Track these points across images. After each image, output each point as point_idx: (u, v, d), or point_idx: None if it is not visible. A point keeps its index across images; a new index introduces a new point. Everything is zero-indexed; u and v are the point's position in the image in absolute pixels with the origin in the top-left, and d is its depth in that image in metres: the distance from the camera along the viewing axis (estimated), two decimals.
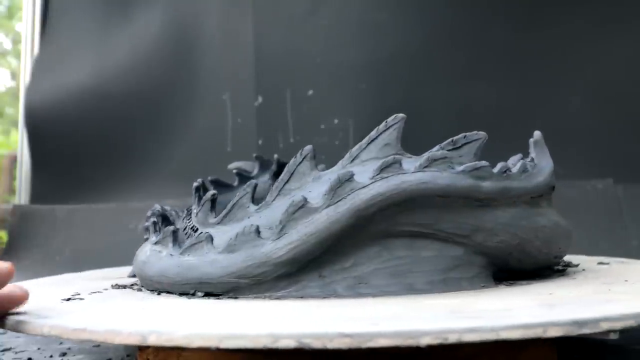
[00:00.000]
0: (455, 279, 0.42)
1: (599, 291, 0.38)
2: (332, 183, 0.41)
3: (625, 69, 0.90)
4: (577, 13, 0.92)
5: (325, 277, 0.41)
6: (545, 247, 0.46)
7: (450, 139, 0.45)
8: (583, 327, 0.28)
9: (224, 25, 1.10)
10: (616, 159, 0.89)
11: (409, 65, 0.98)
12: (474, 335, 0.27)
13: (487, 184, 0.43)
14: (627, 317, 0.30)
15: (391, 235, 0.42)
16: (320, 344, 0.27)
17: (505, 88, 0.94)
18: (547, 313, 0.30)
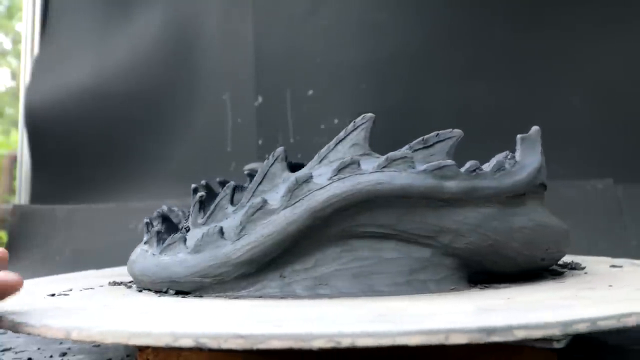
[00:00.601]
0: (420, 281, 0.42)
1: (565, 297, 0.36)
2: (289, 185, 0.42)
3: (625, 69, 0.90)
4: (577, 13, 0.92)
5: (285, 278, 0.42)
6: (527, 249, 0.44)
7: (421, 138, 0.44)
8: (492, 335, 0.27)
9: (224, 25, 1.10)
10: (616, 159, 0.89)
11: (409, 65, 0.98)
12: (369, 340, 0.27)
13: (451, 183, 0.42)
14: (550, 325, 0.28)
15: (354, 236, 0.42)
16: (215, 344, 0.28)
17: (505, 88, 0.94)
18: (467, 319, 0.29)
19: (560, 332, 0.28)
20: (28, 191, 1.37)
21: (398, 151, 0.42)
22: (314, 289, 0.41)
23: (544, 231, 0.45)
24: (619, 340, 0.49)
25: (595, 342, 0.49)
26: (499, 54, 0.95)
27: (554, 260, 0.48)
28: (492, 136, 0.95)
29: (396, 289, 0.41)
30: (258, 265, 0.41)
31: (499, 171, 0.43)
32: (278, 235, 0.41)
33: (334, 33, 1.01)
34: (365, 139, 0.45)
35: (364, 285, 0.41)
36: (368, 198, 0.41)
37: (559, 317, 0.29)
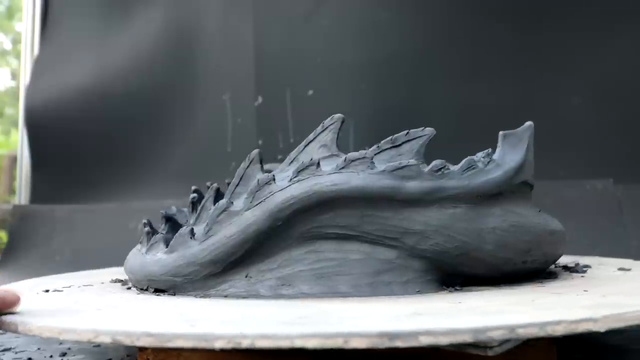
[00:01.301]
0: (385, 283, 0.41)
1: (519, 302, 0.35)
2: (252, 187, 0.42)
3: (625, 69, 0.90)
4: (577, 13, 0.92)
5: (251, 278, 0.42)
6: (501, 252, 0.42)
7: (390, 137, 0.44)
8: (394, 340, 0.27)
9: (224, 25, 1.10)
10: (616, 159, 0.89)
11: (409, 65, 0.98)
12: (267, 342, 0.27)
13: (412, 184, 0.41)
14: (460, 332, 0.27)
15: (318, 237, 0.42)
16: (129, 341, 0.29)
17: (505, 88, 0.93)
18: (384, 323, 0.29)
19: (471, 339, 0.27)
20: (28, 191, 1.37)
21: (358, 152, 0.42)
22: (277, 290, 0.42)
23: (522, 232, 0.43)
24: (619, 340, 0.49)
25: (595, 342, 0.49)
26: (499, 54, 0.95)
27: (542, 263, 0.46)
28: (492, 136, 0.95)
29: (359, 290, 0.41)
30: (223, 265, 0.42)
31: (469, 170, 0.42)
32: (240, 236, 0.42)
33: (334, 33, 1.01)
34: (333, 140, 0.45)
35: (327, 287, 0.41)
36: (326, 199, 0.41)
37: (471, 324, 0.28)
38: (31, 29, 1.43)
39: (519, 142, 0.45)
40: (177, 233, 0.45)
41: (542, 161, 0.90)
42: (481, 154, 0.45)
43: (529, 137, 0.45)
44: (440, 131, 0.44)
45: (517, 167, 0.44)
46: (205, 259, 0.43)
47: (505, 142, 0.45)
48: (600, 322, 0.29)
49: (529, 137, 0.45)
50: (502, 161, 0.44)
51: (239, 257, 0.42)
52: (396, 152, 0.43)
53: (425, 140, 0.44)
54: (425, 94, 0.96)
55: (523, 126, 0.46)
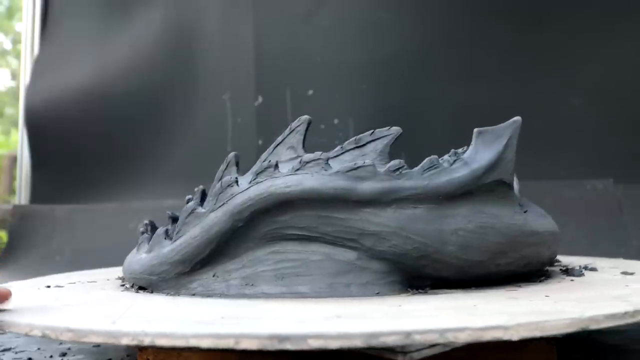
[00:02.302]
0: (344, 285, 0.41)
1: (461, 307, 0.34)
2: (215, 189, 0.44)
3: (625, 70, 0.90)
4: (577, 14, 0.92)
5: (218, 277, 0.43)
6: (468, 254, 0.41)
7: (354, 138, 0.44)
8: (283, 342, 0.27)
9: (224, 25, 1.10)
10: (616, 159, 0.89)
11: (409, 65, 0.98)
12: (164, 340, 0.28)
13: (366, 184, 0.40)
14: (350, 336, 0.27)
15: (281, 238, 0.42)
16: (54, 335, 0.31)
17: (505, 88, 0.93)
18: (289, 325, 0.30)
19: (362, 344, 0.27)
20: (28, 191, 1.37)
21: (314, 153, 0.42)
22: (241, 289, 0.42)
23: (492, 234, 0.42)
24: (619, 340, 0.49)
25: (595, 342, 0.49)
26: (499, 55, 0.95)
27: (521, 265, 0.44)
28: None
29: (318, 291, 0.41)
30: (191, 265, 0.44)
31: (430, 170, 0.41)
32: (204, 237, 0.43)
33: (334, 33, 1.01)
34: (300, 141, 0.45)
35: (287, 287, 0.42)
36: (282, 200, 0.41)
37: (366, 329, 0.28)
38: (31, 29, 1.43)
39: (496, 139, 0.43)
40: (155, 234, 0.47)
41: (542, 161, 0.91)
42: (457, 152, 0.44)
43: (510, 134, 0.43)
44: (439, 131, 0.43)
45: (487, 165, 0.42)
46: (174, 259, 0.44)
47: (479, 140, 0.43)
48: (511, 330, 0.28)
49: (511, 133, 0.43)
50: (472, 160, 0.42)
51: (206, 257, 0.43)
52: (360, 153, 0.43)
53: (390, 140, 0.43)
54: (425, 94, 0.96)
55: (506, 122, 0.44)
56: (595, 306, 0.31)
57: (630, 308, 0.30)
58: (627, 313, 0.30)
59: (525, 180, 0.64)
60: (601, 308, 0.31)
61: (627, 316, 0.30)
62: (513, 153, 0.43)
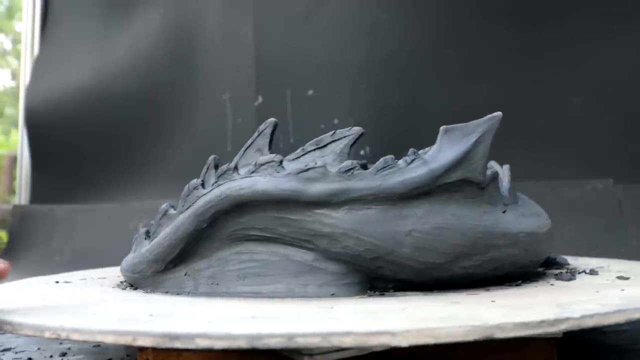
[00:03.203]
0: (301, 285, 0.41)
1: (390, 310, 0.34)
2: (183, 192, 0.45)
3: (625, 69, 0.90)
4: (577, 13, 0.92)
5: (189, 276, 0.45)
6: (424, 256, 0.40)
7: (315, 139, 0.44)
8: (174, 341, 0.28)
9: (224, 25, 1.10)
10: (616, 159, 0.89)
11: (409, 65, 0.98)
12: (77, 335, 0.31)
13: (316, 186, 0.40)
14: (234, 337, 0.28)
15: (244, 238, 0.43)
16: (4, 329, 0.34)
17: (505, 88, 0.93)
18: (194, 325, 0.30)
19: (246, 345, 0.27)
20: (28, 191, 1.37)
21: (268, 155, 0.43)
22: (207, 287, 0.44)
23: (451, 236, 0.40)
24: (619, 340, 0.49)
25: (595, 342, 0.49)
26: (499, 54, 0.95)
27: (492, 269, 0.42)
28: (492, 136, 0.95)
29: (276, 292, 0.42)
30: (165, 264, 0.45)
31: (384, 170, 0.41)
32: (172, 237, 0.45)
33: (334, 33, 1.01)
34: (266, 144, 0.46)
35: (249, 287, 0.43)
36: (238, 203, 0.42)
37: (249, 330, 0.28)
38: (31, 29, 1.43)
39: (465, 137, 0.42)
40: (137, 234, 0.49)
41: (542, 161, 0.91)
42: (413, 150, 0.43)
43: (484, 131, 0.42)
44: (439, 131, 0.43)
45: (448, 165, 0.41)
46: (149, 258, 0.46)
47: (444, 138, 0.42)
48: (400, 336, 0.27)
49: (484, 130, 0.42)
50: (432, 159, 0.41)
51: (176, 257, 0.45)
52: (320, 154, 0.43)
53: (350, 140, 0.43)
54: (424, 94, 0.96)
55: (482, 118, 0.43)
56: (524, 313, 0.30)
57: (551, 317, 0.29)
58: (545, 322, 0.28)
59: (525, 180, 0.64)
60: (525, 316, 0.29)
61: (544, 325, 0.28)
62: (484, 151, 0.42)
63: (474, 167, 0.41)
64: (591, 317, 0.29)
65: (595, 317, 0.29)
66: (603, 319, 0.30)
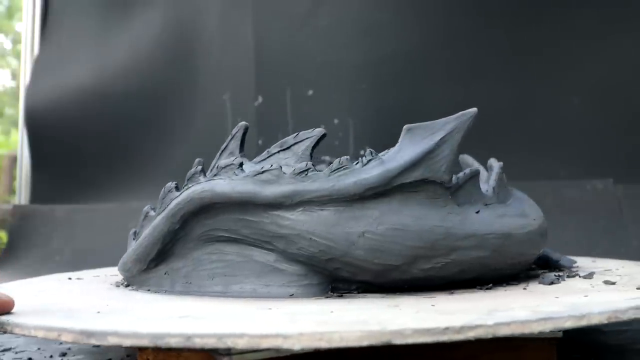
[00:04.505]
0: (263, 286, 0.42)
1: (320, 312, 0.35)
2: (160, 194, 0.47)
3: (625, 69, 0.90)
4: (577, 13, 0.92)
5: (168, 275, 0.46)
6: (379, 258, 0.40)
7: (280, 141, 0.44)
8: (90, 338, 0.30)
9: (224, 25, 1.10)
10: (616, 159, 0.89)
11: (408, 65, 0.98)
12: (18, 329, 0.33)
13: (271, 188, 0.41)
14: (139, 335, 0.29)
15: (214, 239, 0.44)
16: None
17: (505, 88, 0.93)
18: (138, 323, 0.32)
19: (149, 343, 0.29)
20: (28, 191, 1.37)
21: (228, 159, 0.45)
22: (182, 287, 0.45)
23: (407, 237, 0.40)
24: (619, 340, 0.49)
25: (595, 342, 0.49)
26: (499, 54, 0.95)
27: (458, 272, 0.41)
28: (492, 136, 0.95)
29: (241, 292, 0.43)
30: (146, 263, 0.47)
31: (338, 171, 0.41)
32: (149, 238, 0.46)
33: (334, 33, 1.01)
34: (237, 147, 0.47)
35: (216, 287, 0.44)
36: (202, 205, 0.43)
37: (153, 329, 0.29)
38: (31, 29, 1.43)
39: (429, 135, 0.41)
40: (129, 234, 0.51)
41: (542, 161, 0.90)
42: (370, 151, 0.43)
43: (452, 128, 0.41)
44: None
45: (405, 165, 0.40)
46: (133, 258, 0.48)
47: (406, 137, 0.41)
48: (292, 339, 0.28)
49: (453, 128, 0.41)
50: (390, 159, 0.41)
51: (156, 256, 0.46)
52: (284, 156, 0.44)
53: (312, 141, 0.43)
54: (424, 94, 0.96)
55: (453, 115, 0.42)
56: (442, 318, 0.30)
57: (459, 324, 0.28)
58: (450, 329, 0.28)
59: (525, 181, 0.64)
60: (434, 322, 0.29)
61: (449, 332, 0.28)
62: (451, 149, 0.41)
63: (436, 167, 0.41)
64: (508, 324, 0.29)
65: (512, 325, 0.29)
66: (520, 327, 0.29)
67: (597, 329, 0.51)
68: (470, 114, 0.43)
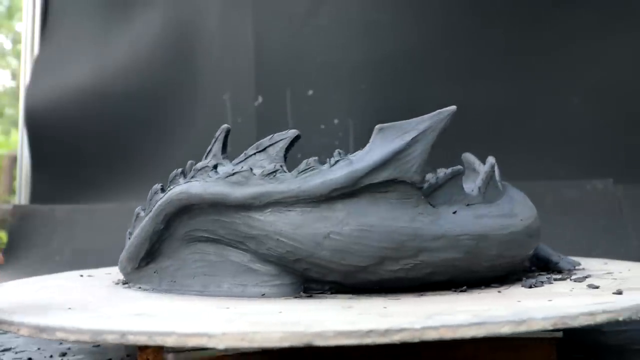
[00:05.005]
0: (238, 285, 0.43)
1: (268, 312, 0.35)
2: (148, 196, 0.48)
3: (625, 69, 0.90)
4: (577, 13, 0.92)
5: (157, 274, 0.47)
6: (346, 258, 0.40)
7: (256, 143, 0.45)
8: (42, 333, 0.32)
9: (224, 25, 1.10)
10: (616, 159, 0.89)
11: (408, 65, 0.98)
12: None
13: (241, 190, 0.41)
14: (81, 331, 0.31)
15: (196, 239, 0.45)
16: None
17: (505, 88, 0.93)
18: (91, 320, 0.34)
19: (89, 339, 0.31)
20: (28, 191, 1.37)
21: (202, 161, 0.45)
22: (168, 285, 0.46)
23: (373, 238, 0.39)
24: (619, 340, 0.49)
25: (595, 342, 0.49)
26: (499, 54, 0.95)
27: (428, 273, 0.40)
28: (492, 136, 0.95)
29: (219, 291, 0.44)
30: (137, 262, 0.48)
31: (305, 172, 0.41)
32: (138, 238, 0.47)
33: (334, 33, 1.01)
34: (219, 149, 0.47)
35: (197, 285, 0.45)
36: (179, 206, 0.44)
37: (93, 325, 0.31)
38: (31, 29, 1.43)
39: (401, 135, 0.41)
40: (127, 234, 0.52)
41: (542, 161, 0.90)
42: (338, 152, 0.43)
43: (425, 128, 0.41)
44: None
45: (373, 165, 0.40)
46: (125, 257, 0.49)
47: (377, 137, 0.41)
48: (216, 339, 0.28)
49: (426, 127, 0.41)
50: (359, 159, 0.41)
51: (145, 255, 0.47)
52: (260, 157, 0.44)
53: (285, 143, 0.44)
54: (424, 94, 0.96)
55: (427, 114, 0.41)
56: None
57: (383, 327, 0.28)
58: (374, 331, 0.28)
59: (525, 181, 0.64)
60: (360, 325, 0.29)
61: (372, 334, 0.28)
62: (424, 149, 0.41)
63: (406, 167, 0.40)
64: (436, 329, 0.28)
65: (441, 329, 0.28)
66: (450, 332, 0.28)
67: (597, 329, 0.51)
68: (447, 113, 0.42)
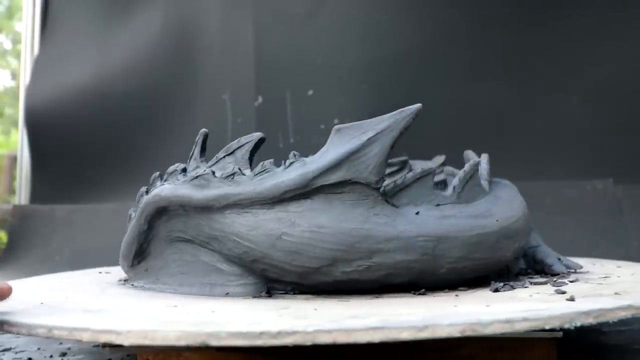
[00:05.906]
0: (207, 285, 0.44)
1: (201, 311, 0.36)
2: (137, 197, 0.49)
3: (625, 69, 0.90)
4: (577, 14, 0.92)
5: (147, 272, 0.49)
6: (297, 260, 0.40)
7: (226, 146, 0.46)
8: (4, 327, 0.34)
9: (224, 25, 1.10)
10: (616, 159, 0.89)
11: (409, 65, 0.98)
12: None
13: (203, 192, 0.42)
14: (34, 327, 0.32)
15: (176, 240, 0.46)
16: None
17: (506, 88, 0.93)
18: (43, 316, 0.35)
19: (25, 332, 0.32)
20: (28, 191, 1.37)
21: (175, 164, 0.47)
22: (152, 283, 0.48)
23: (323, 239, 0.39)
24: (619, 340, 0.49)
25: (595, 342, 0.49)
26: (500, 55, 0.95)
27: (381, 274, 0.40)
28: (492, 136, 0.95)
29: (192, 289, 0.45)
30: (130, 261, 0.49)
31: (261, 174, 0.41)
32: (127, 238, 0.49)
33: (334, 33, 1.01)
34: (199, 153, 0.48)
35: (177, 284, 0.46)
36: (156, 208, 0.45)
37: (31, 321, 0.33)
38: (31, 29, 1.43)
39: (359, 135, 0.40)
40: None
41: (542, 161, 0.90)
42: (293, 153, 0.43)
43: (384, 128, 0.40)
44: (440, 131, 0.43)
45: (326, 166, 0.40)
46: (120, 256, 0.51)
47: (334, 138, 0.41)
48: (121, 336, 0.29)
49: (386, 127, 0.40)
50: (313, 161, 0.41)
51: (136, 255, 0.48)
52: (229, 160, 0.45)
53: (250, 145, 0.45)
54: (425, 94, 0.96)
55: (388, 114, 0.41)
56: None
57: (275, 329, 0.28)
58: (265, 333, 0.28)
59: (525, 181, 0.64)
60: (262, 326, 0.29)
61: (264, 336, 0.28)
62: (382, 148, 0.40)
63: (361, 167, 0.40)
64: (329, 332, 0.28)
65: (334, 333, 0.28)
66: (344, 336, 0.28)
67: (597, 329, 0.51)
68: (409, 111, 0.42)
